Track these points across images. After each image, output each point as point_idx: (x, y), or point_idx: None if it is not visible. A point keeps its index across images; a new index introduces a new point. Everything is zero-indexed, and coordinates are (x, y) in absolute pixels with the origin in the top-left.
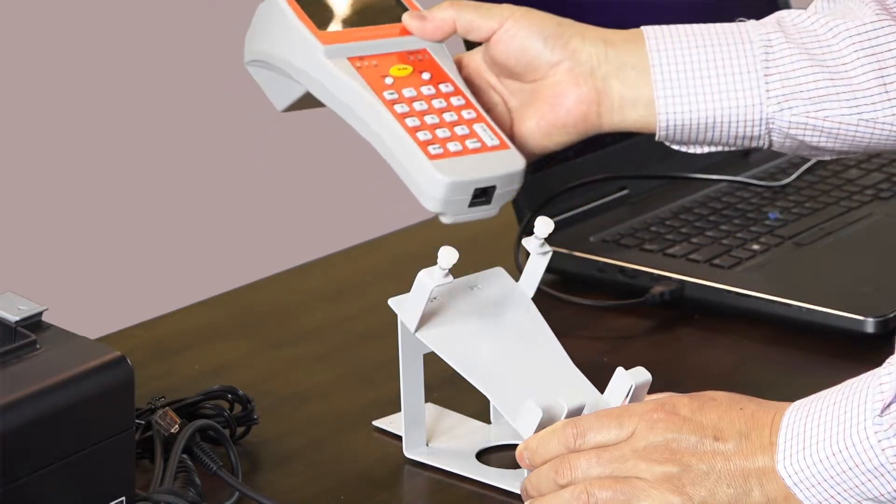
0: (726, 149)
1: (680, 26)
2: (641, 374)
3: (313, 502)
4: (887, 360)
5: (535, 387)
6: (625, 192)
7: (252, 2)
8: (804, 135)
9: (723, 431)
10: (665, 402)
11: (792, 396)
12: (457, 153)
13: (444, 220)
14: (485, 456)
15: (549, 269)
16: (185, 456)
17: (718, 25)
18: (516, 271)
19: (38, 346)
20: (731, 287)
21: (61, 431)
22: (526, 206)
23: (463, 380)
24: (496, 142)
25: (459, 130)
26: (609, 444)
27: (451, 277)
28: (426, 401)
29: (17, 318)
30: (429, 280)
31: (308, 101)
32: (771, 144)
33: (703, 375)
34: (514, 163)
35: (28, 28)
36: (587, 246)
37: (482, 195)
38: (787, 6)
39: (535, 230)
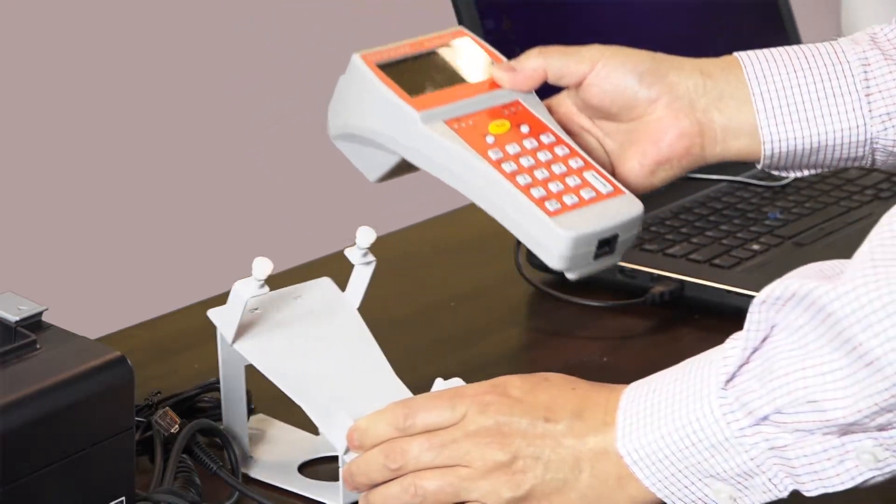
0: (828, 170)
1: (773, 50)
2: (457, 384)
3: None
4: (731, 337)
5: (352, 397)
6: None
7: (252, 2)
8: None
9: (554, 412)
10: (497, 383)
11: None
12: (574, 206)
13: (570, 276)
14: (311, 467)
15: (549, 269)
16: (185, 456)
17: (812, 47)
18: (516, 271)
19: (38, 346)
20: (731, 287)
21: (61, 431)
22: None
23: None
24: (610, 188)
25: (571, 181)
26: (440, 427)
27: (267, 288)
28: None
29: (17, 318)
30: (244, 291)
31: (402, 168)
32: (874, 163)
33: None
34: (633, 208)
35: (28, 28)
36: None
37: (605, 245)
38: (788, 7)
39: (356, 240)
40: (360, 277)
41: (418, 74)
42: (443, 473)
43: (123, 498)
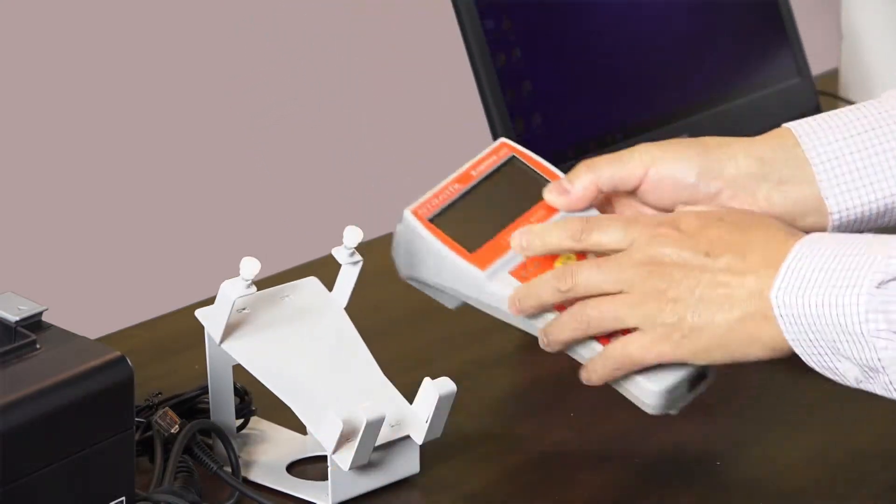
0: None
1: (824, 116)
2: (446, 385)
3: None
4: None
5: (340, 397)
6: None
7: (252, 2)
8: None
9: (718, 248)
10: (673, 217)
11: (792, 396)
12: None
13: (673, 412)
14: (299, 467)
15: None
16: (185, 456)
17: (861, 107)
18: None
19: (38, 346)
20: None
21: (61, 431)
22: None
23: None
24: None
25: None
26: (610, 248)
27: (254, 288)
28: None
29: (17, 318)
30: (231, 291)
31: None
32: None
33: None
34: None
35: (27, 28)
36: None
37: (698, 378)
38: (788, 7)
39: (344, 240)
40: (348, 277)
41: (472, 220)
42: (605, 301)
43: (123, 498)
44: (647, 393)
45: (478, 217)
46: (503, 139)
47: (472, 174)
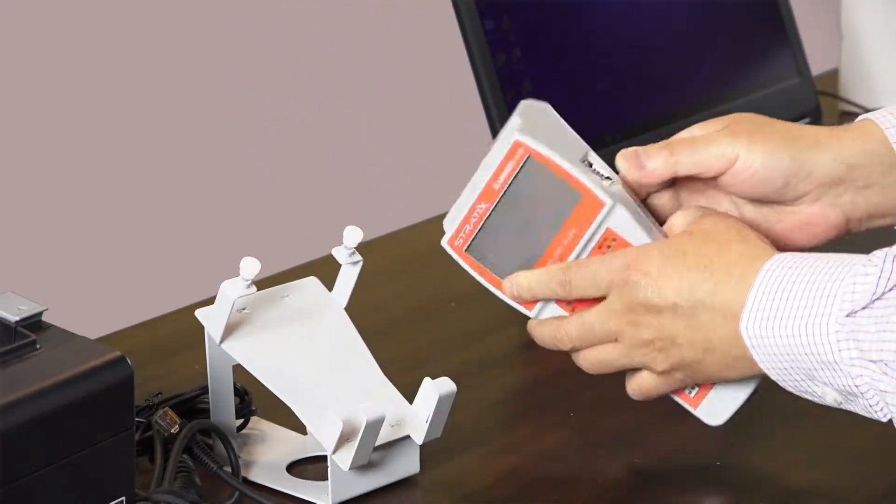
0: None
1: None
2: (446, 385)
3: None
4: (873, 253)
5: (340, 397)
6: None
7: (252, 2)
8: None
9: (682, 288)
10: (636, 259)
11: (792, 395)
12: (707, 386)
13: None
14: (299, 467)
15: None
16: (185, 456)
17: None
18: None
19: (38, 346)
20: None
21: (61, 431)
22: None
23: None
24: None
25: None
26: (592, 297)
27: (254, 288)
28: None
29: (17, 318)
30: (231, 291)
31: None
32: None
33: None
34: None
35: (27, 28)
36: None
37: (754, 393)
38: (788, 7)
39: (343, 240)
40: (348, 277)
41: (506, 246)
42: (602, 352)
43: (123, 498)
44: (713, 421)
45: (511, 242)
46: (517, 137)
47: (494, 188)
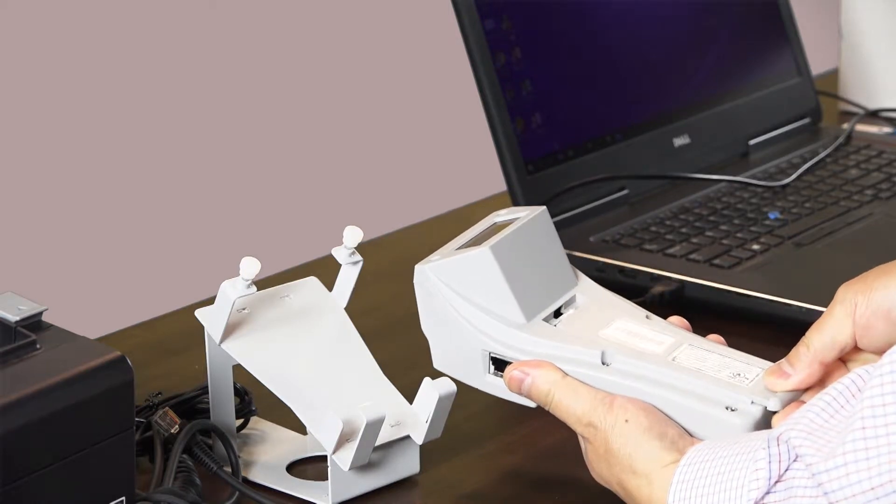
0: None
1: None
2: (446, 385)
3: None
4: (768, 433)
5: (340, 397)
6: (625, 192)
7: (252, 2)
8: None
9: (612, 475)
10: (588, 425)
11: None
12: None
13: None
14: (299, 467)
15: None
16: (185, 456)
17: None
18: None
19: (38, 346)
20: (731, 287)
21: (61, 431)
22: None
23: None
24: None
25: None
26: None
27: (254, 288)
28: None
29: (17, 318)
30: (231, 291)
31: None
32: None
33: None
34: None
35: (27, 28)
36: (587, 246)
37: None
38: (788, 7)
39: (344, 240)
40: (348, 277)
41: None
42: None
43: (123, 498)
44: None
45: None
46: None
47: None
